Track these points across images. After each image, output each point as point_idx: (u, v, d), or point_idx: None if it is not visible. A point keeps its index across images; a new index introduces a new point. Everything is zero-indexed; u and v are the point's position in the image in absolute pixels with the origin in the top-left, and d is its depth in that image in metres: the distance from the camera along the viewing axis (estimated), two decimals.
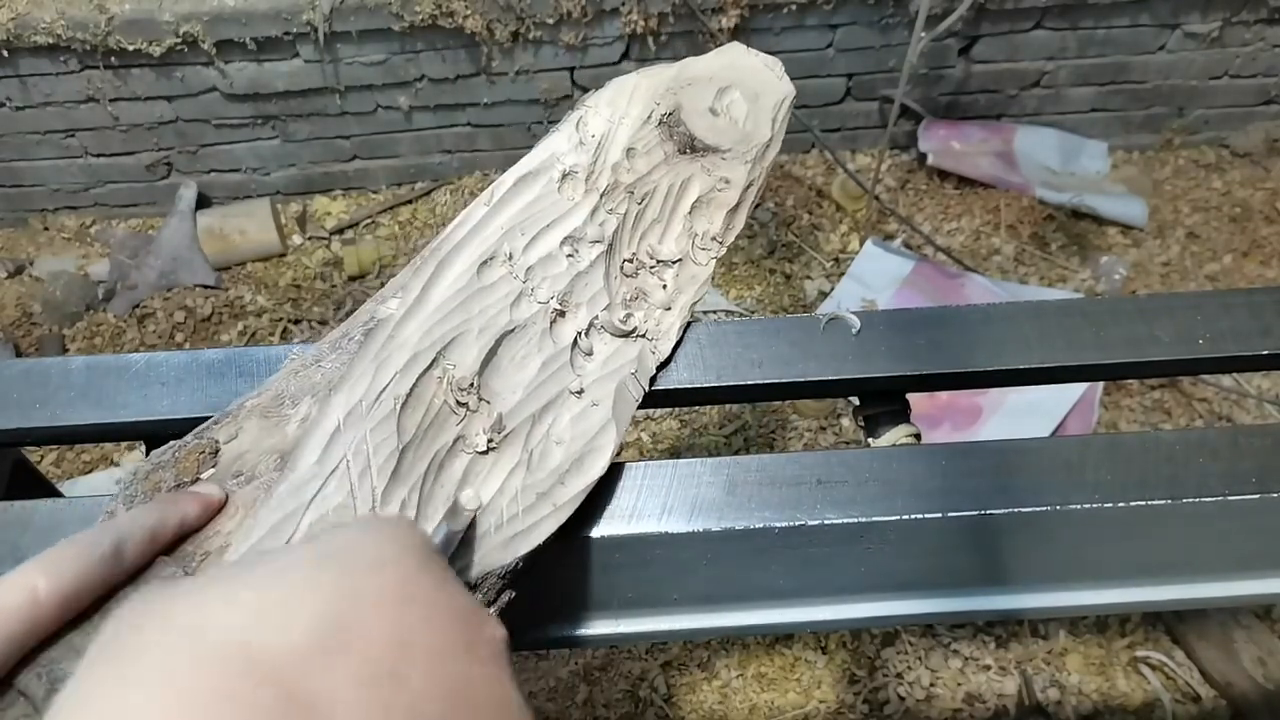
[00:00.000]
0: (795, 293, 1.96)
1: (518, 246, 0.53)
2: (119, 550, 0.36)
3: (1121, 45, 1.99)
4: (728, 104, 0.60)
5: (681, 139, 0.58)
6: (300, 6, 1.75)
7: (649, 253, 0.56)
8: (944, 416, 1.72)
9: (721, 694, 1.49)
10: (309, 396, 0.46)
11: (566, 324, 0.52)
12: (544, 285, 0.52)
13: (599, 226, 0.55)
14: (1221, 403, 1.78)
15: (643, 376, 0.53)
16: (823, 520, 0.51)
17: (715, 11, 1.82)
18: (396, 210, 2.15)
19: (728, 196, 0.58)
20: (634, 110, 0.58)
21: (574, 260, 0.54)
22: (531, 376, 0.50)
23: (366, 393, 0.46)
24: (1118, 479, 0.52)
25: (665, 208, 0.57)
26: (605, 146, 0.57)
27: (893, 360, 0.57)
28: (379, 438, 0.45)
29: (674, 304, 0.56)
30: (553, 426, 0.49)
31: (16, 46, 1.76)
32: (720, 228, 0.57)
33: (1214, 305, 0.58)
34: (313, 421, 0.45)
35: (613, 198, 0.56)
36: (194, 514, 0.40)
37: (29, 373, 0.55)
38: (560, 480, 0.48)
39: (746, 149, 0.58)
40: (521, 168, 0.55)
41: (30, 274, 2.06)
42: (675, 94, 0.59)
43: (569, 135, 0.57)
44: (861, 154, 2.20)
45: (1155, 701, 1.46)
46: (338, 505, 0.43)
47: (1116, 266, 1.98)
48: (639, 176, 0.57)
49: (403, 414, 0.46)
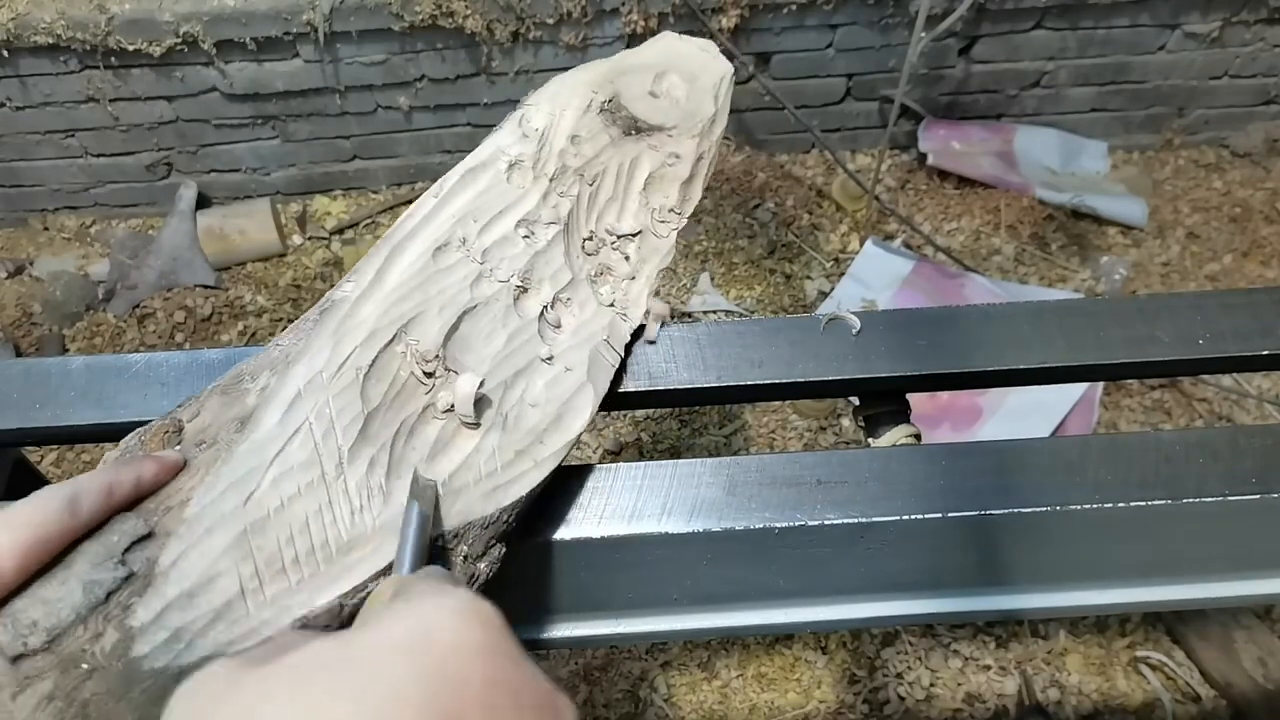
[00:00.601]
0: (795, 293, 1.96)
1: (471, 232, 0.54)
2: (74, 504, 0.38)
3: (1121, 45, 1.99)
4: (666, 87, 0.62)
5: (625, 122, 0.60)
6: (300, 6, 1.75)
7: (608, 229, 0.58)
8: (944, 416, 1.72)
9: (721, 694, 1.49)
10: (267, 370, 0.47)
11: (530, 299, 0.53)
12: (502, 265, 0.53)
13: (553, 209, 0.56)
14: (1221, 403, 1.78)
15: (616, 342, 0.54)
16: (823, 520, 0.51)
17: (715, 11, 1.82)
18: (396, 210, 2.15)
19: (680, 170, 0.59)
20: (574, 101, 0.60)
21: (530, 241, 0.55)
22: (499, 348, 0.51)
23: (327, 364, 0.46)
24: (1118, 479, 0.52)
25: (619, 186, 0.59)
26: (549, 137, 0.58)
27: (893, 360, 0.57)
28: (342, 403, 0.45)
29: (639, 274, 0.57)
30: (526, 391, 0.50)
31: (16, 46, 1.76)
32: (677, 199, 0.59)
33: (1214, 305, 0.58)
34: (272, 390, 0.45)
35: (563, 181, 0.57)
36: (150, 472, 0.41)
37: (29, 373, 0.55)
38: (539, 439, 0.49)
39: (692, 124, 0.60)
40: (467, 163, 0.56)
41: (30, 274, 2.06)
42: (613, 82, 0.61)
43: (511, 131, 0.58)
44: (861, 154, 2.20)
45: (1155, 701, 1.46)
46: (302, 463, 0.43)
47: (1116, 266, 1.98)
48: (586, 160, 0.58)
49: (366, 383, 0.46)
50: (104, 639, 0.36)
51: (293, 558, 0.41)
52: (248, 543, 0.40)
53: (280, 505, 0.42)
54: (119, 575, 0.38)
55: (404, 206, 2.15)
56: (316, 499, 0.43)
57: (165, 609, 0.38)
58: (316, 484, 0.43)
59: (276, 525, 0.41)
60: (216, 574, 0.39)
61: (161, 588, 0.38)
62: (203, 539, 0.40)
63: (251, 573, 0.40)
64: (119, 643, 0.36)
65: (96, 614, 0.37)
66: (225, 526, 0.41)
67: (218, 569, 0.39)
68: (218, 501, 0.41)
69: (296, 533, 0.41)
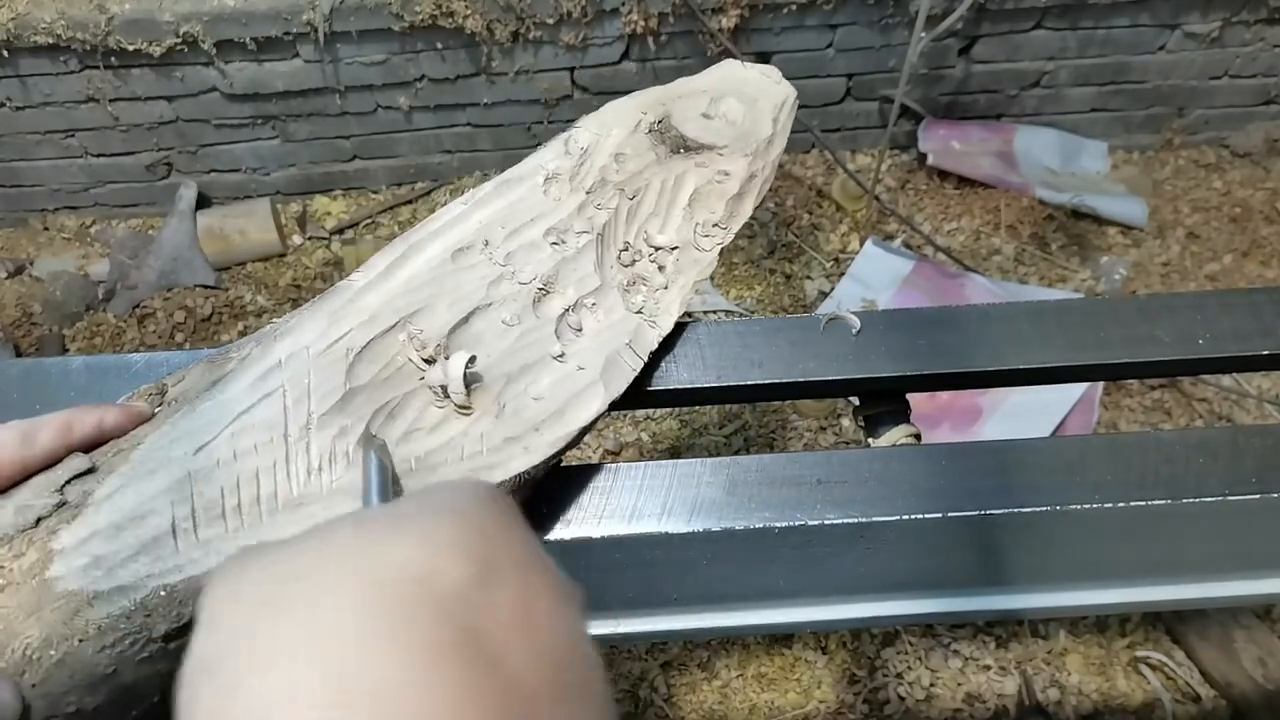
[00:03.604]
0: (795, 293, 1.96)
1: (497, 237, 0.53)
2: (29, 436, 0.39)
3: (1121, 45, 1.99)
4: (723, 110, 0.60)
5: (673, 141, 0.58)
6: (300, 6, 1.75)
7: (646, 240, 0.56)
8: (944, 416, 1.72)
9: (721, 694, 1.49)
10: (254, 342, 0.47)
11: (552, 300, 0.52)
12: (526, 269, 0.52)
13: (587, 220, 0.55)
14: (1221, 403, 1.78)
15: (640, 348, 0.53)
16: (823, 520, 0.51)
17: (715, 11, 1.82)
18: (396, 210, 2.15)
19: (728, 187, 0.57)
20: (623, 121, 0.59)
21: (559, 248, 0.54)
22: (509, 344, 0.50)
23: (316, 340, 0.46)
24: (1118, 479, 0.52)
25: (661, 201, 0.57)
26: (592, 154, 0.57)
27: (893, 360, 0.57)
28: (324, 377, 0.45)
29: (673, 284, 0.56)
30: (531, 385, 0.49)
31: (16, 46, 1.76)
32: (723, 214, 0.57)
33: (1214, 305, 0.58)
34: (253, 358, 0.45)
35: (601, 194, 0.56)
36: (113, 418, 0.42)
37: (29, 373, 0.55)
38: (535, 428, 0.47)
39: (746, 144, 0.58)
40: (504, 175, 0.56)
41: (30, 274, 2.06)
42: (665, 105, 0.59)
43: (556, 149, 0.57)
44: (861, 154, 2.20)
45: (1155, 701, 1.46)
46: (265, 421, 0.43)
47: (1116, 266, 1.97)
48: (629, 175, 0.57)
49: (356, 363, 0.46)
50: (24, 558, 0.37)
51: (235, 505, 0.41)
52: (189, 486, 0.41)
53: (232, 457, 0.42)
54: (51, 503, 0.39)
55: (404, 206, 2.15)
56: (272, 455, 0.42)
57: (90, 537, 0.38)
58: (276, 442, 0.43)
59: (224, 475, 0.41)
60: (149, 511, 0.40)
61: (91, 517, 0.39)
62: (143, 478, 0.40)
63: (187, 514, 0.40)
64: (37, 562, 0.37)
65: (24, 536, 0.38)
66: (168, 469, 0.41)
67: (151, 507, 0.40)
68: (167, 448, 0.41)
69: (244, 482, 0.41)
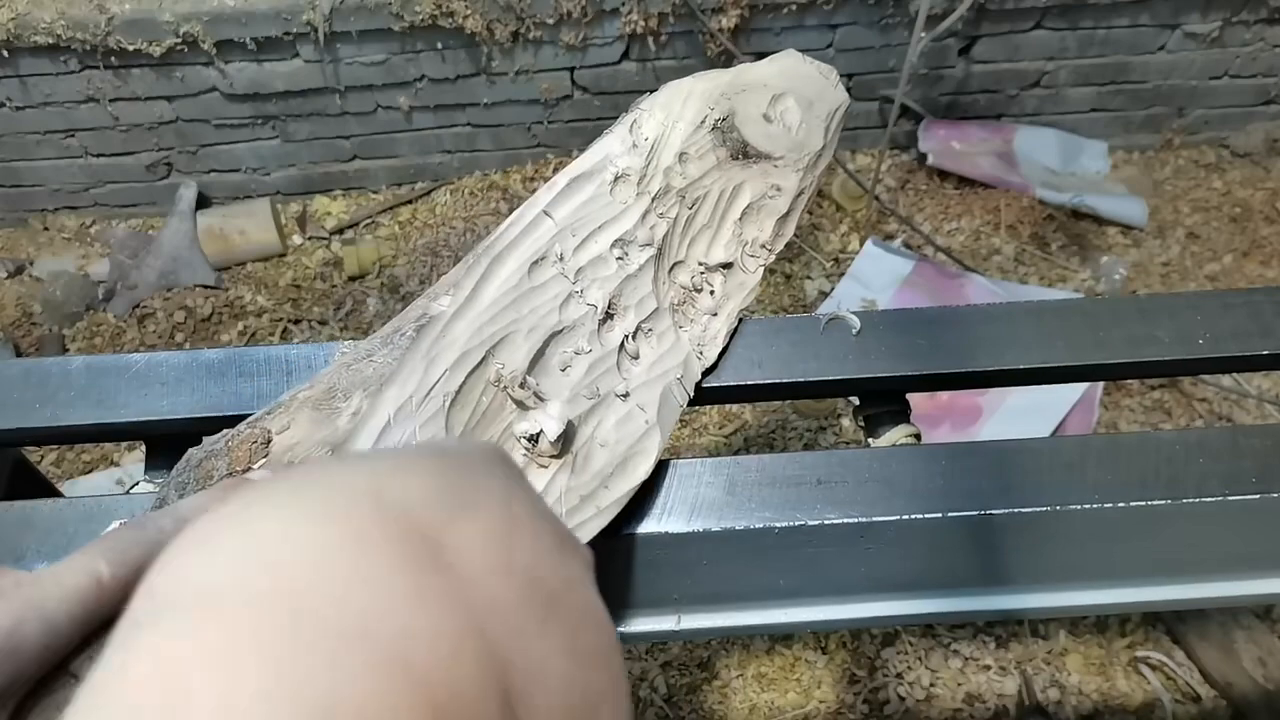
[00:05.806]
0: (795, 293, 1.96)
1: (569, 247, 0.53)
2: None
3: (1121, 45, 1.99)
4: (781, 111, 0.60)
5: (734, 145, 0.58)
6: (300, 6, 1.75)
7: (698, 259, 0.57)
8: (944, 416, 1.71)
9: (721, 694, 1.49)
10: (360, 390, 0.47)
11: (614, 326, 0.53)
12: (594, 287, 0.53)
13: (649, 230, 0.55)
14: (1221, 403, 1.78)
15: (688, 382, 0.53)
16: (823, 520, 0.51)
17: (715, 11, 1.82)
18: (396, 210, 2.15)
19: (778, 204, 0.58)
20: (688, 114, 0.58)
21: (624, 263, 0.54)
22: (579, 378, 0.50)
23: (417, 389, 0.46)
24: (1118, 479, 0.52)
25: (715, 213, 0.58)
26: (658, 150, 0.57)
27: (893, 360, 0.57)
28: (428, 433, 0.45)
29: (720, 310, 0.56)
30: (598, 429, 0.49)
31: (16, 46, 1.76)
32: (770, 235, 0.58)
33: (1214, 305, 0.58)
34: (364, 416, 0.45)
35: (664, 201, 0.56)
36: None
37: (29, 373, 0.55)
38: (604, 484, 0.48)
39: (799, 157, 0.59)
40: (574, 169, 0.56)
41: (30, 274, 2.06)
42: (730, 99, 0.59)
43: (622, 138, 0.57)
44: (861, 154, 2.20)
45: (1155, 701, 1.46)
46: None
47: (1116, 266, 1.97)
48: (690, 181, 0.57)
49: (452, 410, 0.46)
50: None
51: None
52: None
53: None
54: None
55: (404, 206, 2.15)
56: None
57: None
58: None
59: None
60: None
61: None
62: None
63: None
64: None
65: None
66: None
67: None
68: None
69: None
